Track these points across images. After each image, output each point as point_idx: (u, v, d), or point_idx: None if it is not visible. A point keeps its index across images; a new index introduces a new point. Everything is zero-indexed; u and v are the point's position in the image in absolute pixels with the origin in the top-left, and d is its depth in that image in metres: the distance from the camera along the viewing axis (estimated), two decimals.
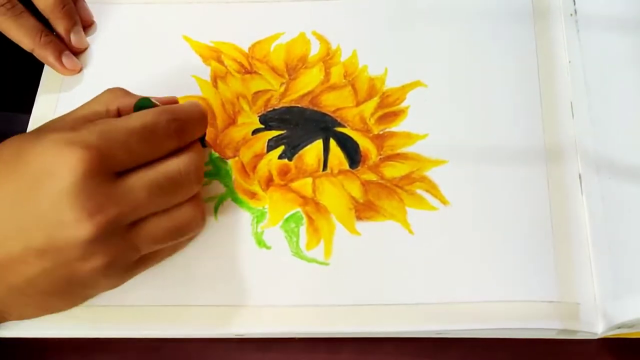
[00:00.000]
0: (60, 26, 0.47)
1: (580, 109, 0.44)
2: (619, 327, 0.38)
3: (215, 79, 0.47)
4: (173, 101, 0.41)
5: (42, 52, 0.47)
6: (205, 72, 0.47)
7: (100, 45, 0.49)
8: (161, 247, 0.38)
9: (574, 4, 0.48)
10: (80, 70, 0.48)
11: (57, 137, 0.34)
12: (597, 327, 0.38)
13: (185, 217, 0.38)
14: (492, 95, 0.46)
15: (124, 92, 0.40)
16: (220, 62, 0.48)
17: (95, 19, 0.50)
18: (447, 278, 0.40)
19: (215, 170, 0.44)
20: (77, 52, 0.48)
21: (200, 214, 0.39)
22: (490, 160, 0.44)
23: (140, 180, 0.35)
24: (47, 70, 0.48)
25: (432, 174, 0.43)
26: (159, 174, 0.36)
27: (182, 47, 0.48)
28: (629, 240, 0.40)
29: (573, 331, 0.39)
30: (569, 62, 0.46)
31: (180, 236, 0.39)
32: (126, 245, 0.36)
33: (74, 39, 0.48)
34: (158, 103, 0.39)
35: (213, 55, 0.48)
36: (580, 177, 0.43)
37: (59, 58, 0.47)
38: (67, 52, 0.47)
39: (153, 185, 0.35)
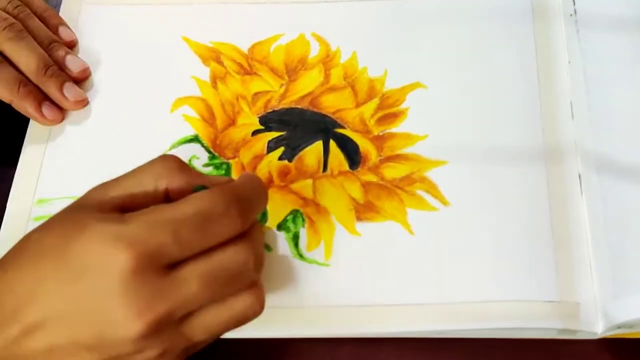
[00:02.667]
0: (49, 89, 0.45)
1: (580, 109, 0.44)
2: (619, 327, 0.38)
3: (214, 79, 0.47)
4: (229, 182, 0.37)
5: (21, 104, 0.45)
6: (205, 73, 0.47)
7: (100, 47, 0.49)
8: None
9: (574, 4, 0.48)
10: (86, 103, 0.46)
11: (103, 230, 0.32)
12: (597, 327, 0.38)
13: (242, 307, 0.35)
14: (492, 95, 0.46)
15: (178, 166, 0.36)
16: (220, 63, 0.48)
17: (95, 20, 0.50)
18: (447, 278, 0.40)
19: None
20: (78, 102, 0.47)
21: (259, 302, 0.35)
22: (490, 160, 0.44)
23: (193, 272, 0.33)
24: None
25: (432, 174, 0.43)
26: (214, 266, 0.33)
27: (181, 48, 0.48)
28: (629, 240, 0.40)
29: (573, 331, 0.39)
30: (569, 62, 0.46)
31: (237, 326, 0.35)
32: (179, 337, 0.34)
33: (69, 95, 0.46)
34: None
35: (212, 56, 0.48)
36: (580, 177, 0.43)
37: (38, 108, 0.45)
38: (47, 103, 0.45)
39: (207, 277, 0.33)
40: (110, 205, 0.34)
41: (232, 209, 0.33)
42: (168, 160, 0.36)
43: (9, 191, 0.44)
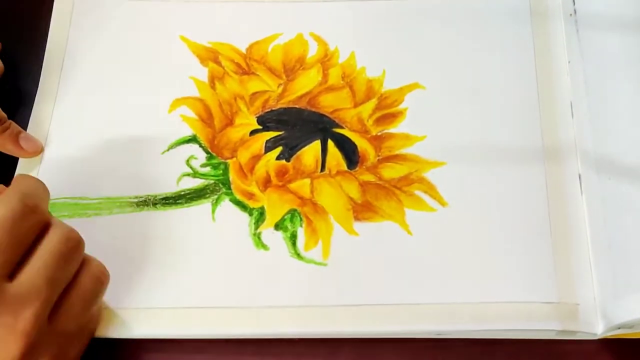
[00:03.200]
0: (6, 145, 0.44)
1: (580, 109, 0.44)
2: (618, 328, 0.38)
3: (212, 79, 0.47)
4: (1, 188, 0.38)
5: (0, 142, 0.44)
6: (203, 73, 0.47)
7: (97, 45, 0.49)
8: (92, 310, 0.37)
9: (574, 3, 0.48)
10: (42, 150, 0.45)
11: None
12: (596, 328, 0.38)
13: (88, 280, 0.36)
14: (491, 96, 0.46)
15: None
16: (218, 62, 0.48)
17: (90, 16, 0.50)
18: (446, 279, 0.40)
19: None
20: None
21: (99, 267, 0.37)
22: (488, 161, 0.44)
23: (33, 271, 0.33)
24: None
25: (431, 175, 0.43)
26: (46, 256, 0.34)
27: (179, 47, 0.48)
28: (628, 241, 0.40)
29: (573, 332, 0.39)
30: (569, 62, 0.46)
31: (94, 298, 0.37)
32: (59, 334, 0.34)
33: (26, 146, 0.44)
34: None
35: (210, 56, 0.48)
36: (579, 177, 0.43)
37: (16, 143, 0.44)
38: (23, 135, 0.44)
39: (47, 269, 0.34)
40: None
41: (27, 203, 0.34)
42: None
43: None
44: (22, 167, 0.44)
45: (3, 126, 0.44)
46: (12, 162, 0.45)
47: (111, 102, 0.47)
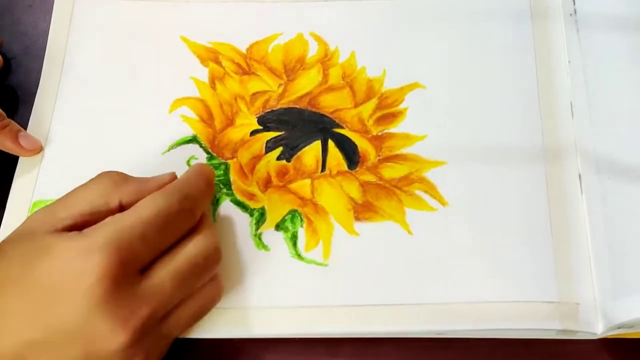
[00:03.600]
0: (5, 143, 0.44)
1: (580, 109, 0.44)
2: (618, 327, 0.38)
3: (213, 80, 0.47)
4: (173, 177, 0.39)
5: None
6: (203, 74, 0.47)
7: (97, 45, 0.49)
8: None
9: (574, 3, 0.48)
10: (41, 149, 0.45)
11: (69, 248, 0.32)
12: (596, 327, 0.38)
13: (209, 297, 0.38)
14: (491, 95, 0.46)
15: (123, 178, 0.37)
16: (218, 63, 0.48)
17: (90, 16, 0.50)
18: (447, 278, 0.40)
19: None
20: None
21: (220, 287, 0.39)
22: (489, 160, 0.44)
23: (165, 272, 0.34)
24: None
25: (431, 174, 0.43)
26: (182, 262, 0.35)
27: (179, 48, 0.48)
28: (628, 240, 0.40)
29: (573, 331, 0.39)
30: (569, 62, 0.46)
31: (204, 314, 0.38)
32: (160, 336, 0.35)
33: (25, 144, 0.44)
34: None
35: (211, 56, 0.48)
36: (580, 177, 0.43)
37: (16, 141, 0.44)
38: (22, 133, 0.44)
39: (178, 275, 0.35)
40: (62, 226, 0.34)
41: (184, 205, 0.35)
42: (110, 174, 0.37)
43: (8, 192, 0.44)
44: (22, 167, 0.44)
45: (2, 123, 0.44)
46: (12, 162, 0.45)
47: (111, 103, 0.47)
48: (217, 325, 0.39)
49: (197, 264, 0.35)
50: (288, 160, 0.44)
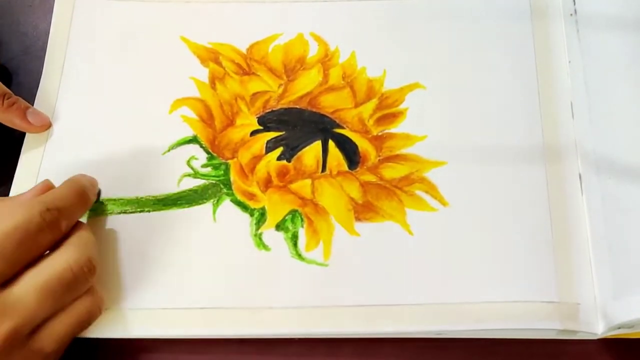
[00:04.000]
0: (13, 120, 0.44)
1: (580, 109, 0.44)
2: (619, 327, 0.38)
3: (213, 80, 0.47)
4: (47, 187, 0.39)
5: (6, 116, 0.44)
6: (203, 74, 0.47)
7: (97, 45, 0.49)
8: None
9: (574, 3, 0.48)
10: (50, 125, 0.46)
11: None
12: (597, 328, 0.38)
13: (84, 312, 0.36)
14: (491, 95, 0.46)
15: None
16: (218, 63, 0.48)
17: (91, 16, 0.50)
18: (447, 279, 0.40)
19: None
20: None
21: (98, 302, 0.37)
22: (489, 160, 0.44)
23: (28, 286, 0.33)
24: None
25: (431, 175, 0.43)
26: (47, 275, 0.34)
27: (179, 48, 0.48)
28: (629, 240, 0.40)
29: (573, 331, 0.39)
30: (569, 62, 0.46)
31: (83, 329, 0.37)
32: (31, 352, 0.34)
33: (33, 121, 0.45)
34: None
35: (211, 56, 0.48)
36: (580, 177, 0.43)
37: (24, 118, 0.44)
38: (31, 110, 0.45)
39: (43, 288, 0.33)
40: None
41: (46, 216, 0.34)
42: None
43: (8, 192, 0.44)
44: (23, 167, 0.44)
45: (9, 101, 0.44)
46: (13, 161, 0.45)
47: (112, 103, 0.47)
48: (217, 325, 0.39)
49: (65, 276, 0.34)
50: (288, 161, 0.44)
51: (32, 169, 0.44)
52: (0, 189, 0.44)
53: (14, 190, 0.43)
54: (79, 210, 0.38)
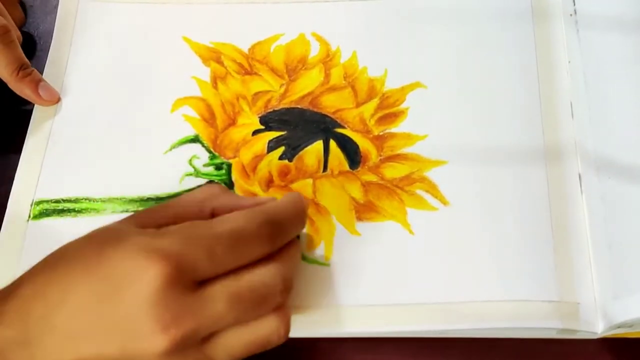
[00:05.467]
0: (25, 91, 0.46)
1: (580, 109, 0.44)
2: (618, 327, 0.38)
3: (215, 79, 0.47)
4: (269, 201, 0.37)
5: (18, 86, 0.46)
6: (205, 73, 0.47)
7: (99, 46, 0.49)
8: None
9: (574, 4, 0.48)
10: (59, 100, 0.47)
11: (139, 242, 0.32)
12: (597, 327, 0.38)
13: (266, 331, 0.34)
14: (492, 95, 0.46)
15: (222, 190, 0.37)
16: (220, 63, 0.48)
17: (93, 18, 0.50)
18: (447, 278, 0.40)
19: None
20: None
21: (284, 326, 0.35)
22: (490, 160, 0.44)
23: (222, 291, 0.33)
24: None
25: (432, 174, 0.43)
26: (242, 286, 0.33)
27: (181, 48, 0.48)
28: (629, 240, 0.40)
29: (573, 331, 0.39)
30: (569, 62, 0.46)
31: (259, 350, 0.35)
32: (200, 356, 0.33)
33: (44, 95, 0.46)
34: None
35: (213, 56, 0.48)
36: (580, 177, 0.43)
37: (35, 90, 0.46)
38: (42, 84, 0.46)
39: (234, 297, 0.33)
40: (152, 224, 0.34)
41: (263, 230, 0.34)
42: (212, 187, 0.37)
43: (9, 192, 0.44)
44: (24, 167, 0.44)
45: (26, 71, 0.46)
46: (13, 162, 0.45)
47: (114, 102, 0.47)
48: None
49: (258, 290, 0.33)
50: (290, 160, 0.44)
51: (34, 170, 0.44)
52: (0, 189, 0.44)
53: (15, 185, 0.44)
54: (296, 229, 0.37)
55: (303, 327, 0.39)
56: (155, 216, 0.35)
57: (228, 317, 0.33)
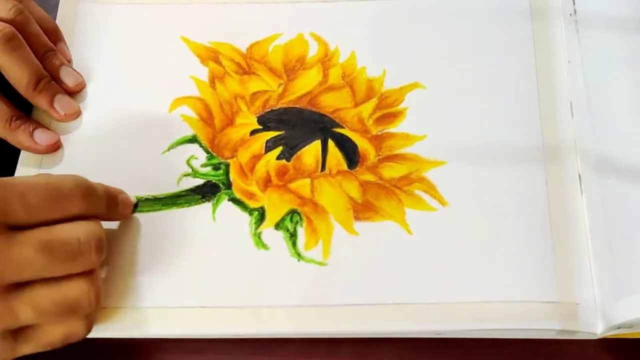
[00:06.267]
0: (40, 103, 0.45)
1: (580, 109, 0.44)
2: (618, 327, 0.38)
3: (213, 79, 0.47)
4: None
5: (15, 138, 0.44)
6: (203, 73, 0.47)
7: (98, 46, 0.49)
8: (45, 323, 0.34)
9: (574, 3, 0.48)
10: (58, 146, 0.45)
11: None
12: (596, 327, 0.38)
13: (75, 292, 0.34)
14: (491, 95, 0.46)
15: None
16: (218, 62, 0.48)
17: (93, 19, 0.50)
18: (446, 278, 0.40)
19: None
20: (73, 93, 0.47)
21: (94, 292, 0.35)
22: (489, 160, 0.44)
23: (33, 237, 0.33)
24: None
25: (431, 174, 0.43)
26: (54, 236, 0.33)
27: (179, 47, 0.48)
28: (628, 241, 0.40)
29: (572, 331, 0.39)
30: (569, 62, 0.46)
31: (67, 313, 0.34)
32: (4, 309, 0.32)
33: (59, 109, 0.45)
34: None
35: (211, 55, 0.48)
36: (579, 177, 0.43)
37: (30, 139, 0.44)
38: (39, 129, 0.44)
39: (44, 246, 0.33)
40: None
41: (77, 190, 0.35)
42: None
43: None
44: (23, 166, 0.44)
45: (42, 83, 0.44)
46: (12, 162, 0.45)
47: (112, 102, 0.47)
48: (216, 324, 0.39)
49: (71, 244, 0.34)
50: (288, 160, 0.44)
51: (32, 171, 0.44)
52: None
53: None
54: (111, 206, 0.39)
55: (301, 326, 0.39)
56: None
57: (36, 264, 0.33)
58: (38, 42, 0.45)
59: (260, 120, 0.46)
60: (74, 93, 0.47)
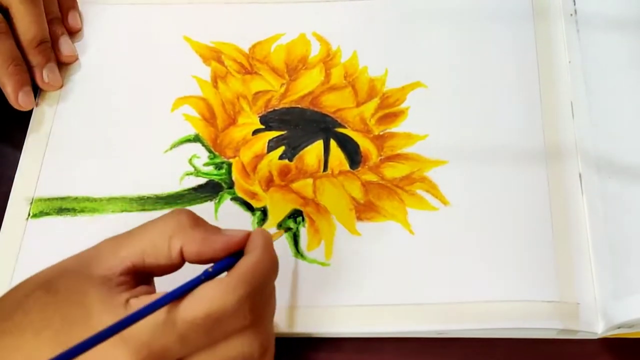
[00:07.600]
0: (33, 61, 0.46)
1: (580, 109, 0.44)
2: (619, 327, 0.38)
3: (215, 79, 0.47)
4: (244, 240, 0.34)
5: (4, 80, 0.44)
6: (206, 73, 0.47)
7: (101, 46, 0.49)
8: None
9: (574, 3, 0.48)
10: (32, 106, 0.46)
11: (108, 321, 0.29)
12: (597, 327, 0.38)
13: None
14: (492, 95, 0.46)
15: (191, 222, 0.33)
16: (221, 62, 0.48)
17: (96, 19, 0.50)
18: (447, 278, 0.40)
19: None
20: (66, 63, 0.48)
21: None
22: (490, 160, 0.44)
23: None
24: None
25: (433, 174, 0.43)
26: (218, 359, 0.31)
27: (182, 47, 0.48)
28: (629, 240, 0.40)
29: (573, 331, 0.39)
30: (569, 62, 0.46)
31: None
32: None
33: (46, 77, 0.46)
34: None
35: (213, 55, 0.48)
36: (580, 177, 0.43)
37: (16, 91, 0.45)
38: (25, 89, 0.45)
39: None
40: (120, 270, 0.32)
41: (244, 305, 0.31)
42: (181, 216, 0.33)
43: (9, 191, 0.44)
44: (24, 166, 0.44)
45: (43, 45, 0.46)
46: (12, 162, 0.45)
47: (114, 101, 0.47)
48: None
49: None
50: (290, 160, 0.44)
51: (34, 169, 0.44)
52: (0, 188, 0.44)
53: (15, 184, 0.44)
54: (272, 282, 0.34)
55: (303, 327, 0.39)
56: (122, 254, 0.32)
57: None
58: (51, 6, 0.47)
59: (263, 120, 0.46)
60: (64, 64, 0.48)
